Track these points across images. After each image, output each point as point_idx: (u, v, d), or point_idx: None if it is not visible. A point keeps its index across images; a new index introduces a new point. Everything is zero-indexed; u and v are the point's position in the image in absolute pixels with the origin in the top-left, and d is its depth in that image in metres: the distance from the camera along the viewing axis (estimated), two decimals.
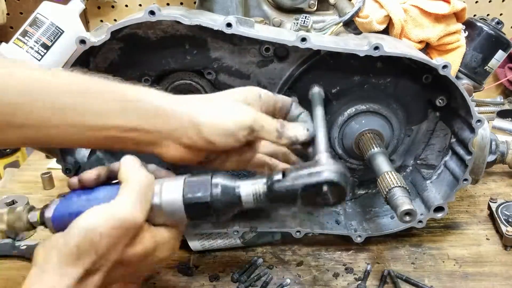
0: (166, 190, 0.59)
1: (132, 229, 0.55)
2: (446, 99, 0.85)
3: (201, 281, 0.85)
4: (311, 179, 0.57)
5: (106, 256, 0.54)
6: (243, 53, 0.81)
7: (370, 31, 0.91)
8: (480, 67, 1.02)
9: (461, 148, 0.86)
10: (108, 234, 0.53)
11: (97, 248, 0.53)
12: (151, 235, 0.58)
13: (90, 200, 0.58)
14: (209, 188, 0.59)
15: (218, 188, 0.59)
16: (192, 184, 0.59)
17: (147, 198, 0.57)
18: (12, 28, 1.42)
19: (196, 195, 0.58)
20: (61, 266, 0.52)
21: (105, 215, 0.54)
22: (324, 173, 0.57)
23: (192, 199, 0.58)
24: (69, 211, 0.58)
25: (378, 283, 0.84)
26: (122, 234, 0.54)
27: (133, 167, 0.60)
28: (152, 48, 0.80)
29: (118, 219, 0.54)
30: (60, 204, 0.60)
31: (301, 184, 0.57)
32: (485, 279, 0.85)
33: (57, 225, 0.59)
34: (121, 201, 0.56)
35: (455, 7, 0.90)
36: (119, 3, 1.44)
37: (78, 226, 0.53)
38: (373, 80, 0.85)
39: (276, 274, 0.87)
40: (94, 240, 0.53)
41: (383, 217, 0.94)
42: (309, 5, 1.03)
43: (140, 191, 0.57)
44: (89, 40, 0.73)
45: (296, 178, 0.57)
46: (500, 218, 0.96)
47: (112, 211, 0.54)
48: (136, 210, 0.55)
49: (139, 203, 0.56)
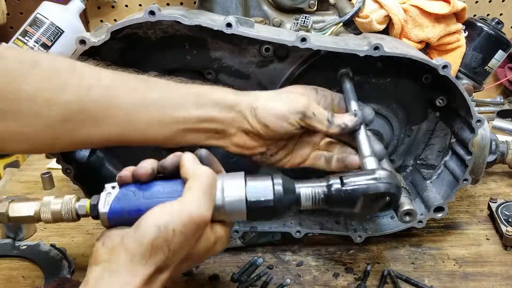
0: (229, 190, 0.59)
1: (202, 226, 0.56)
2: (446, 99, 0.85)
3: (201, 281, 0.85)
4: (370, 188, 0.60)
5: (177, 253, 0.54)
6: (243, 53, 0.81)
7: (370, 31, 0.91)
8: (480, 67, 1.02)
9: (461, 148, 0.86)
10: (180, 231, 0.53)
11: (169, 246, 0.53)
12: (212, 231, 0.59)
13: (152, 198, 0.57)
14: (272, 191, 0.60)
15: (280, 189, 0.60)
16: (254, 185, 0.60)
17: (212, 195, 0.58)
18: (12, 28, 1.42)
19: (260, 199, 0.59)
20: (132, 265, 0.53)
21: (177, 212, 0.54)
22: (382, 184, 0.60)
23: (257, 203, 0.59)
24: (127, 208, 0.57)
25: (378, 283, 0.84)
26: (194, 231, 0.54)
27: (196, 163, 0.60)
28: (152, 48, 0.80)
29: (190, 216, 0.54)
30: (116, 199, 0.58)
31: (360, 192, 0.60)
32: (485, 279, 0.85)
33: (113, 221, 0.58)
34: (191, 198, 0.55)
35: (455, 7, 0.90)
36: (119, 3, 1.44)
37: (150, 224, 0.53)
38: (373, 80, 0.85)
39: (276, 274, 0.87)
40: (168, 238, 0.53)
41: (383, 217, 0.94)
42: (309, 5, 1.03)
43: (207, 188, 0.57)
44: (89, 40, 0.73)
45: (354, 186, 0.60)
46: (500, 218, 0.96)
47: (184, 208, 0.54)
48: (206, 207, 0.56)
49: (208, 200, 0.56)
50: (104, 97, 0.62)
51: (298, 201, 0.61)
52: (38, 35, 1.26)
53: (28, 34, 1.26)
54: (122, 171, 0.61)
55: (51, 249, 0.91)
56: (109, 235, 0.56)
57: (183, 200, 0.55)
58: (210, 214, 0.57)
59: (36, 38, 1.26)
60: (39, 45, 1.26)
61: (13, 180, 1.19)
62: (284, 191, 0.60)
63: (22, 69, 0.58)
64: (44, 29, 1.26)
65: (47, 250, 0.91)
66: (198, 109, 0.66)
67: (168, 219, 0.53)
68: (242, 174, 0.62)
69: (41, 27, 1.26)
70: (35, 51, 0.75)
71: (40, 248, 0.92)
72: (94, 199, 0.60)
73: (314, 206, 0.62)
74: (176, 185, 0.59)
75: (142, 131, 0.64)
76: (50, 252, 0.91)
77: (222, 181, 0.60)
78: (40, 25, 1.26)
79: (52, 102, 0.59)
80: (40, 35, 1.26)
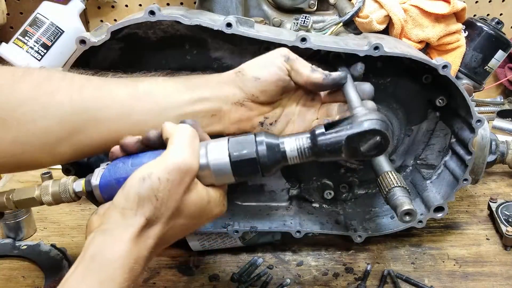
0: (212, 151, 0.59)
1: (189, 173, 0.55)
2: (446, 99, 0.85)
3: (201, 281, 0.85)
4: (353, 130, 0.58)
5: (165, 203, 0.54)
6: (243, 53, 0.81)
7: (370, 31, 0.91)
8: (480, 67, 1.02)
9: (461, 148, 0.86)
10: (166, 178, 0.53)
11: (157, 194, 0.53)
12: (203, 188, 0.59)
13: (139, 164, 0.57)
14: (254, 145, 0.59)
15: (263, 145, 0.60)
16: (236, 143, 0.60)
17: (195, 145, 0.58)
18: (12, 28, 1.42)
19: (242, 153, 0.59)
20: (122, 219, 0.53)
21: (160, 162, 0.54)
22: (365, 123, 0.58)
23: (239, 157, 0.59)
24: (116, 176, 0.58)
25: (378, 283, 0.84)
26: (179, 178, 0.54)
27: (175, 124, 0.60)
28: (152, 48, 0.80)
29: (173, 163, 0.54)
30: (106, 170, 0.60)
31: (344, 135, 0.58)
32: (485, 279, 0.85)
33: (105, 192, 0.59)
34: (172, 149, 0.56)
35: (455, 7, 0.90)
36: (119, 3, 1.44)
37: (134, 177, 0.54)
38: (373, 80, 0.85)
39: (276, 274, 0.87)
40: (153, 186, 0.53)
41: (383, 217, 0.94)
42: (309, 5, 1.03)
43: (188, 139, 0.57)
44: (89, 40, 0.73)
45: (338, 130, 0.59)
46: (500, 218, 0.96)
47: (167, 158, 0.55)
48: (189, 155, 0.56)
49: (190, 150, 0.57)
50: (96, 94, 0.63)
51: (283, 154, 0.60)
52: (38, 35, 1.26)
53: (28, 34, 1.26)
54: (113, 148, 0.62)
55: (51, 249, 0.91)
56: (102, 206, 0.57)
57: (166, 153, 0.56)
58: (195, 162, 0.57)
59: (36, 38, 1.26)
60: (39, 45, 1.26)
61: (13, 180, 1.19)
62: (267, 144, 0.60)
63: (14, 78, 0.60)
64: (44, 29, 1.26)
65: (47, 250, 0.91)
66: (189, 92, 0.67)
67: (151, 169, 0.54)
68: (226, 137, 0.62)
69: (41, 27, 1.26)
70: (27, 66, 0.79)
71: (41, 248, 0.92)
72: (88, 176, 0.61)
73: (301, 159, 0.61)
74: (161, 151, 0.59)
75: (139, 124, 0.65)
76: (51, 252, 0.91)
77: (206, 144, 0.60)
78: (40, 25, 1.26)
79: (46, 107, 0.60)
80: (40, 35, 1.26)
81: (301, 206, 0.95)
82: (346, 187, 0.95)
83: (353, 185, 0.95)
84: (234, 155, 0.59)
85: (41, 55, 1.26)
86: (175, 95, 0.67)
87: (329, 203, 0.96)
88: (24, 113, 0.59)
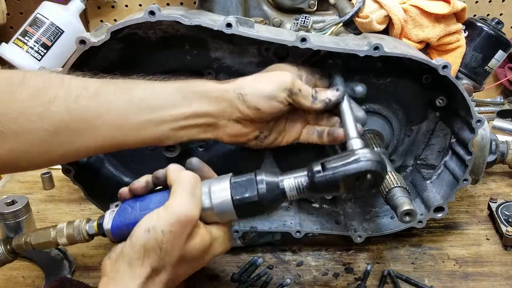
0: (215, 192, 0.62)
1: (190, 223, 0.58)
2: (446, 99, 0.85)
3: (201, 281, 0.85)
4: (349, 170, 0.60)
5: (169, 253, 0.57)
6: (243, 53, 0.81)
7: (370, 31, 0.91)
8: (480, 67, 1.02)
9: (461, 148, 0.86)
10: (168, 230, 0.57)
11: (161, 245, 0.57)
12: (206, 230, 0.61)
13: (145, 209, 0.62)
14: (255, 187, 0.62)
15: (263, 185, 0.62)
16: (238, 184, 0.63)
17: (197, 195, 0.61)
18: (12, 28, 1.42)
19: (245, 196, 0.62)
20: (130, 269, 0.57)
21: (163, 214, 0.58)
22: (361, 163, 0.60)
23: (242, 200, 0.62)
24: (126, 222, 0.62)
25: (378, 283, 0.84)
26: (181, 228, 0.57)
27: (179, 170, 0.64)
28: (152, 48, 0.80)
29: (175, 216, 0.57)
30: (117, 215, 0.64)
31: (340, 175, 0.60)
32: (485, 279, 0.85)
33: (117, 235, 0.63)
34: (174, 200, 0.59)
35: (455, 7, 0.90)
36: (119, 3, 1.44)
37: (140, 229, 0.58)
38: (373, 80, 0.85)
39: (276, 274, 0.87)
40: (157, 238, 0.57)
41: (383, 217, 0.94)
42: (309, 5, 1.03)
43: (189, 189, 0.60)
44: (89, 40, 0.72)
45: (335, 169, 0.60)
46: (500, 218, 0.96)
47: (169, 209, 0.58)
48: (190, 206, 0.59)
49: (191, 199, 0.60)
50: (92, 105, 0.63)
51: (283, 194, 0.63)
52: (38, 35, 1.26)
53: (28, 34, 1.26)
54: (121, 190, 0.66)
55: (52, 249, 0.91)
56: (114, 250, 0.61)
57: (168, 204, 0.59)
58: (196, 211, 0.59)
59: (36, 38, 1.26)
60: (39, 45, 1.26)
61: (13, 180, 1.19)
62: (266, 186, 0.62)
63: (11, 88, 0.61)
64: (44, 29, 1.26)
65: (48, 251, 0.91)
66: (185, 106, 0.67)
67: (155, 222, 0.57)
68: (228, 175, 0.64)
69: (41, 27, 1.26)
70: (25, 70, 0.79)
71: None
72: (100, 218, 0.65)
73: (300, 195, 0.63)
74: (166, 194, 0.62)
75: (134, 134, 0.66)
76: (51, 252, 0.91)
77: (209, 184, 0.63)
78: (40, 25, 1.26)
79: (43, 117, 0.61)
80: (40, 35, 1.26)
81: (301, 206, 0.95)
82: None
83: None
84: (237, 198, 0.62)
85: (41, 55, 1.26)
86: (171, 108, 0.66)
87: (329, 203, 0.96)
88: (22, 124, 0.60)
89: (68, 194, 1.13)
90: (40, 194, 1.13)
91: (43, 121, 0.61)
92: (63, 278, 0.82)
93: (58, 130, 0.62)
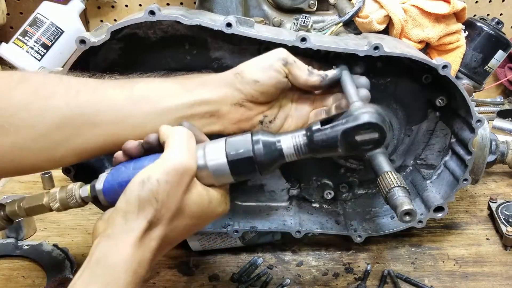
0: (209, 152, 0.60)
1: (186, 173, 0.57)
2: (446, 99, 0.85)
3: (201, 281, 0.85)
4: (349, 124, 0.58)
5: (166, 204, 0.55)
6: (243, 53, 0.81)
7: (370, 31, 0.91)
8: (480, 67, 1.02)
9: (461, 148, 0.86)
10: (164, 180, 0.55)
11: (156, 196, 0.54)
12: (203, 188, 0.60)
13: (140, 167, 0.58)
14: (251, 145, 0.60)
15: (260, 143, 0.60)
16: (233, 143, 0.61)
17: (191, 146, 0.59)
18: (12, 28, 1.42)
19: (239, 152, 0.60)
20: (125, 223, 0.54)
21: (158, 165, 0.56)
22: (361, 116, 0.58)
23: (236, 156, 0.60)
24: (118, 180, 0.60)
25: (378, 283, 0.84)
26: (178, 178, 0.56)
27: (171, 127, 0.62)
28: (152, 48, 0.80)
29: (171, 165, 0.55)
30: (110, 175, 0.61)
31: (340, 130, 0.58)
32: (485, 279, 0.85)
33: (109, 196, 0.60)
34: (169, 151, 0.57)
35: (455, 7, 0.90)
36: (119, 3, 1.44)
37: (134, 181, 0.55)
38: (373, 80, 0.85)
39: (276, 274, 0.87)
40: (153, 189, 0.54)
41: (383, 217, 0.94)
42: (309, 5, 1.03)
43: (184, 141, 0.59)
44: (89, 40, 0.72)
45: (334, 125, 0.59)
46: (500, 218, 0.96)
47: (164, 160, 0.56)
48: (186, 157, 0.57)
49: (187, 151, 0.58)
50: (93, 98, 0.63)
51: (280, 152, 0.61)
52: (38, 35, 1.26)
53: (28, 34, 1.26)
54: (116, 153, 0.63)
55: (53, 249, 0.91)
56: (106, 212, 0.59)
57: (163, 155, 0.57)
58: (192, 162, 0.58)
59: (36, 38, 1.26)
60: (39, 45, 1.26)
61: (13, 180, 1.19)
62: (263, 143, 0.60)
63: (11, 85, 0.61)
64: (44, 29, 1.26)
65: (49, 250, 0.91)
66: (187, 95, 0.67)
67: (150, 172, 0.55)
68: (224, 138, 0.63)
69: (41, 27, 1.26)
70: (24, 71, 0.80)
71: (43, 248, 0.92)
72: (94, 181, 0.63)
73: (298, 156, 0.61)
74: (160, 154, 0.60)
75: (135, 130, 0.65)
76: (53, 252, 0.91)
77: (204, 146, 0.61)
78: (40, 25, 1.26)
79: (43, 111, 0.61)
80: (40, 35, 1.26)
81: (301, 206, 0.95)
82: (346, 187, 0.95)
83: (353, 185, 0.95)
84: (231, 154, 0.60)
85: (41, 55, 1.26)
86: (173, 98, 0.66)
87: (329, 203, 0.96)
88: (22, 119, 0.60)
89: None
90: None
91: (44, 116, 0.61)
92: (63, 278, 0.82)
93: (59, 125, 0.61)
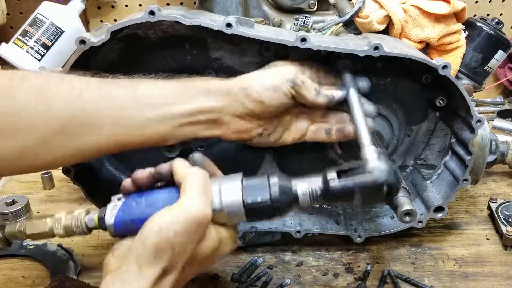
0: (225, 193, 0.60)
1: (203, 225, 0.57)
2: (446, 99, 0.85)
3: (201, 281, 0.85)
4: (365, 181, 0.59)
5: (181, 254, 0.56)
6: (243, 53, 0.81)
7: (370, 31, 0.91)
8: (480, 67, 1.02)
9: (461, 148, 0.86)
10: (182, 231, 0.55)
11: (173, 246, 0.54)
12: (215, 231, 0.60)
13: (151, 205, 0.59)
14: (268, 191, 0.60)
15: (276, 189, 0.60)
16: (250, 187, 0.61)
17: (208, 193, 0.59)
18: (12, 28, 1.42)
19: (258, 200, 0.60)
20: (139, 269, 0.54)
21: (177, 213, 0.55)
22: (377, 175, 0.59)
23: (254, 204, 0.60)
24: (130, 217, 0.60)
25: (378, 283, 0.84)
26: (195, 230, 0.56)
27: (187, 166, 0.62)
28: (152, 48, 0.80)
29: (190, 216, 0.55)
30: (121, 211, 0.61)
31: (356, 185, 0.59)
32: (485, 279, 0.85)
33: (119, 230, 0.60)
34: (188, 199, 0.57)
35: (455, 7, 0.90)
36: (119, 3, 1.44)
37: (152, 227, 0.55)
38: (373, 80, 0.85)
39: (276, 274, 0.87)
40: (170, 239, 0.54)
41: (383, 217, 0.94)
42: (309, 5, 1.03)
43: (201, 187, 0.59)
44: (89, 40, 0.72)
45: (350, 179, 0.60)
46: (500, 218, 0.96)
47: (183, 209, 0.56)
48: (204, 205, 0.57)
49: (204, 198, 0.58)
50: (94, 99, 0.63)
51: (296, 199, 0.61)
52: (38, 35, 1.26)
53: (28, 34, 1.26)
54: (124, 181, 0.63)
55: (58, 249, 0.91)
56: (118, 246, 0.59)
57: (180, 203, 0.57)
58: (209, 211, 0.58)
59: (36, 38, 1.26)
60: (39, 45, 1.26)
61: (13, 180, 1.19)
62: (280, 189, 0.60)
63: (12, 84, 0.60)
64: (44, 29, 1.26)
65: (54, 250, 0.91)
66: (189, 102, 0.67)
67: (169, 221, 0.55)
68: (239, 176, 0.62)
69: (41, 27, 1.26)
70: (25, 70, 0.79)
71: (48, 248, 0.92)
72: (101, 211, 0.62)
73: (313, 203, 0.62)
74: (173, 192, 0.61)
75: (137, 131, 0.65)
76: (57, 252, 0.91)
77: (219, 184, 0.61)
78: (40, 25, 1.26)
79: (46, 113, 0.60)
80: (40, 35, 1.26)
81: None
82: None
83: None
84: (249, 202, 0.60)
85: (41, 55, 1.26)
86: (175, 105, 0.66)
87: None
88: (23, 120, 0.60)
89: (68, 194, 1.13)
90: (40, 194, 1.13)
91: (46, 117, 0.60)
92: (64, 278, 0.82)
93: (62, 127, 0.61)
